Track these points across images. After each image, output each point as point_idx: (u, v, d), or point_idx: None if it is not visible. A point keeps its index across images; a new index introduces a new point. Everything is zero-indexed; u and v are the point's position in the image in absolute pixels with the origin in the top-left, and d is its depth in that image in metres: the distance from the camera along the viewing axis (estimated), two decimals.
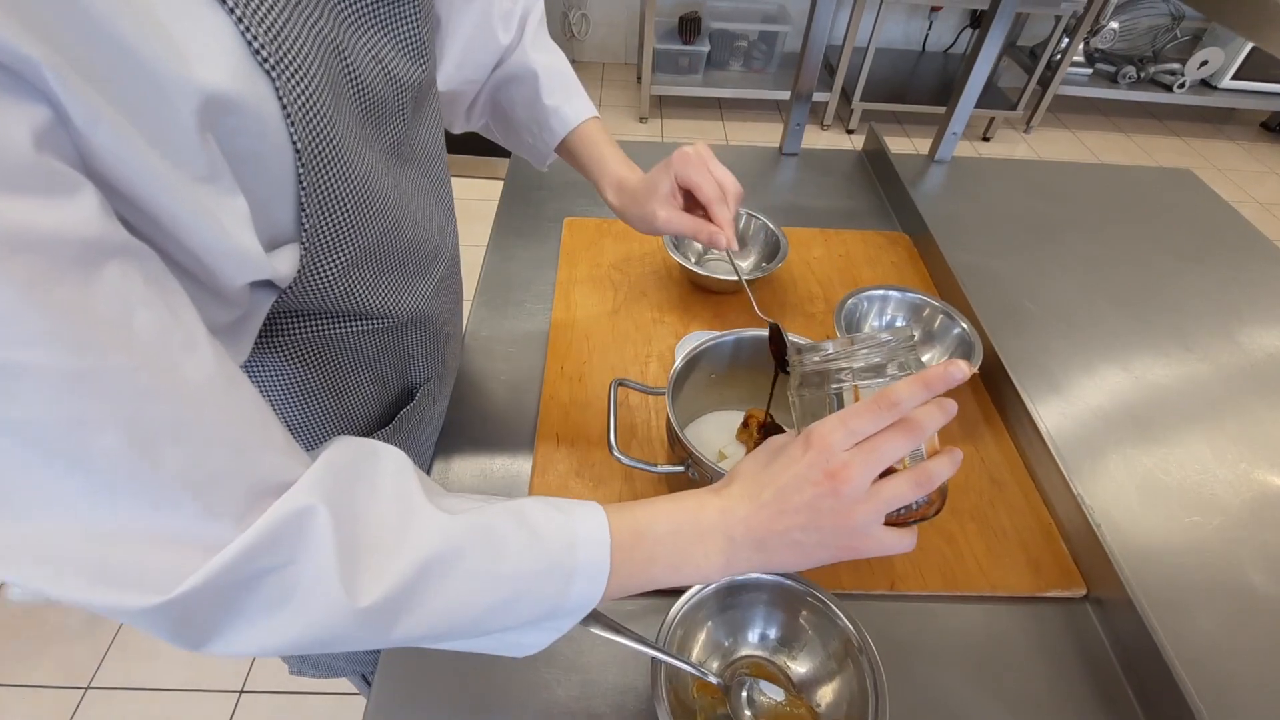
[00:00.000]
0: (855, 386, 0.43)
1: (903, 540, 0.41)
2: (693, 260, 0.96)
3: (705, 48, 3.06)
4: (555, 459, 0.72)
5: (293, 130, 0.35)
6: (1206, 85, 3.24)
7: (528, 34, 0.67)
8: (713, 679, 0.54)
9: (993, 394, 0.81)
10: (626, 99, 3.30)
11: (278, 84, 0.33)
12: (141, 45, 0.27)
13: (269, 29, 0.32)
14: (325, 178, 0.39)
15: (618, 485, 0.70)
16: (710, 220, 0.64)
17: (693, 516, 0.42)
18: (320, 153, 0.37)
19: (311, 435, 0.57)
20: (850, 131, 3.17)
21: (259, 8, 0.32)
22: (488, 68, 0.67)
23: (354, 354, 0.54)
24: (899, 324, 0.85)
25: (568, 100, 0.69)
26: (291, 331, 0.49)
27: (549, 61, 0.68)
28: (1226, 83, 3.17)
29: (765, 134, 3.15)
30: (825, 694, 0.55)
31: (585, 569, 0.39)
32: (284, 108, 0.34)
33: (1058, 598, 0.65)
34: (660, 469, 0.60)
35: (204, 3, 0.30)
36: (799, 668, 0.57)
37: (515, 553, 0.37)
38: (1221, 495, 0.74)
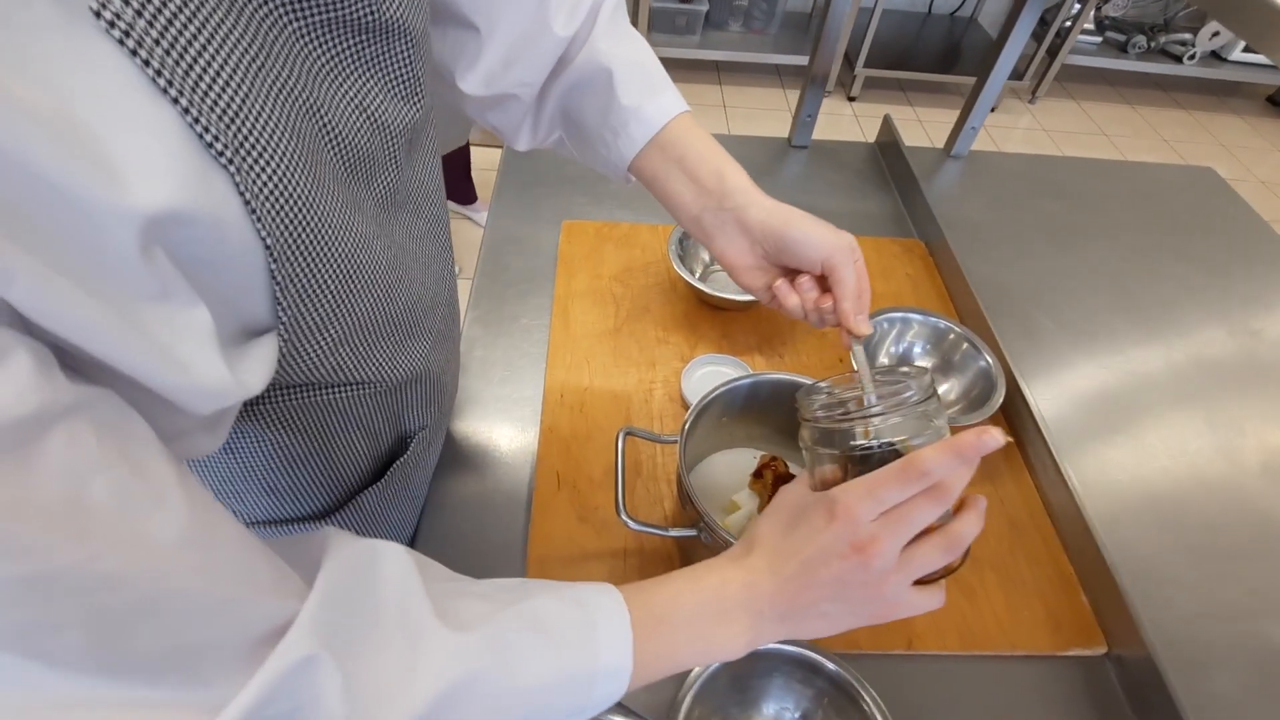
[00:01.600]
0: (883, 450, 0.40)
1: (932, 600, 0.40)
2: (698, 275, 0.91)
3: (704, 6, 2.92)
4: (556, 504, 0.68)
5: (259, 226, 0.29)
6: (1216, 57, 3.15)
7: (600, 24, 0.55)
8: None
9: (1013, 428, 0.78)
10: None
11: (237, 178, 0.27)
12: (62, 175, 0.22)
13: (224, 112, 0.26)
14: (304, 266, 0.33)
15: (622, 535, 0.66)
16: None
17: (715, 596, 0.40)
18: (296, 241, 0.32)
19: (298, 498, 0.53)
20: (852, 99, 3.07)
21: (209, 89, 0.26)
22: (545, 66, 0.55)
23: (344, 416, 0.49)
24: (917, 351, 0.81)
25: (651, 97, 0.54)
26: (275, 401, 0.44)
27: (626, 53, 0.55)
28: (1237, 54, 3.09)
29: (763, 100, 3.04)
30: None
31: (608, 670, 0.37)
32: (247, 203, 0.28)
33: (1078, 656, 0.63)
34: (672, 533, 0.56)
35: (145, 99, 0.24)
36: None
37: (535, 667, 0.35)
38: (1257, 544, 0.72)
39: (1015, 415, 0.77)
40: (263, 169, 0.29)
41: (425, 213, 0.50)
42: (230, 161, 0.27)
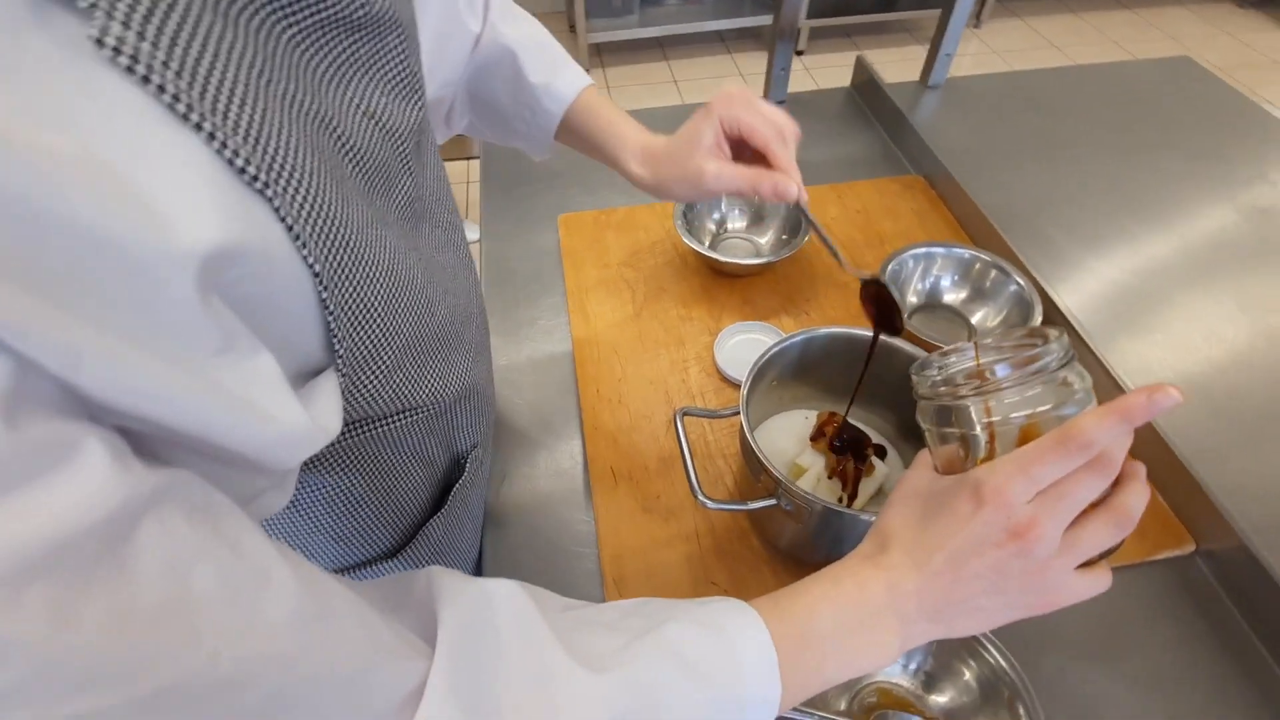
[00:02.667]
0: (1026, 421, 0.35)
1: (1098, 584, 0.36)
2: (707, 244, 0.89)
3: None
4: (617, 498, 0.66)
5: (305, 252, 0.27)
6: None
7: (493, 12, 0.57)
8: None
9: None
10: None
11: (276, 203, 0.25)
12: (106, 226, 0.19)
13: (247, 134, 0.24)
14: (351, 289, 0.31)
15: (691, 517, 0.65)
16: (768, 168, 0.54)
17: (856, 601, 0.36)
18: (340, 264, 0.30)
19: (365, 540, 0.51)
20: (800, 52, 3.05)
21: (228, 110, 0.23)
22: (463, 62, 0.57)
23: (400, 446, 0.47)
24: (946, 284, 0.80)
25: (556, 74, 0.59)
26: (331, 445, 0.42)
27: (524, 33, 0.59)
28: None
29: (712, 69, 3.01)
30: None
31: (756, 699, 0.34)
32: (289, 229, 0.26)
33: (1167, 559, 0.62)
34: (751, 506, 0.54)
35: (167, 129, 0.21)
36: (937, 697, 0.53)
37: (681, 705, 0.32)
38: None
39: None
40: (296, 190, 0.26)
41: (442, 221, 0.47)
42: (266, 186, 0.25)
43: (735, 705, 0.33)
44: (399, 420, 0.45)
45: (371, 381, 0.37)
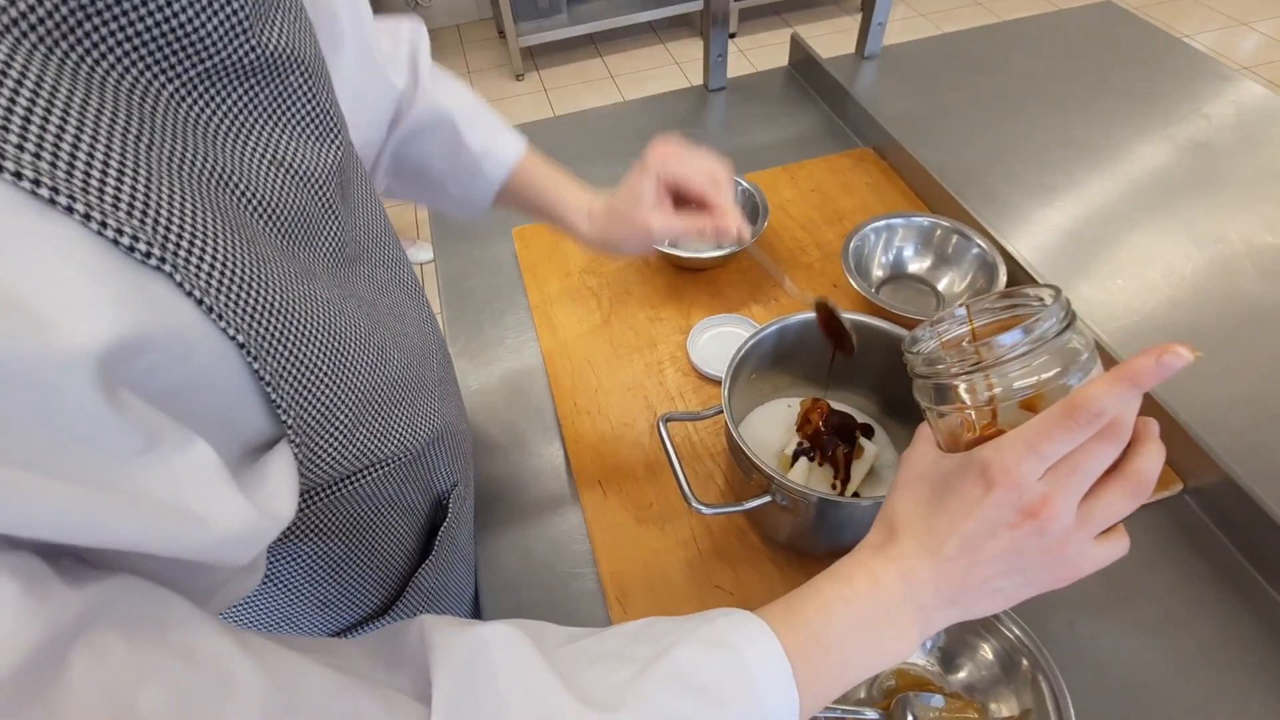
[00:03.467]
0: (1031, 393, 0.34)
1: (1118, 549, 0.35)
2: (667, 241, 0.87)
3: None
4: (609, 512, 0.65)
5: (222, 324, 0.24)
6: None
7: (424, 75, 0.57)
8: (871, 716, 0.50)
9: None
10: (495, 58, 3.07)
11: (178, 277, 0.22)
12: None
13: (133, 207, 0.21)
14: (285, 353, 0.28)
15: (686, 521, 0.63)
16: (709, 213, 0.56)
17: (871, 597, 0.35)
18: (267, 329, 0.27)
19: (353, 601, 0.48)
20: (733, 35, 3.05)
21: (103, 184, 0.21)
22: (384, 122, 0.56)
23: (376, 500, 0.45)
24: (909, 254, 0.80)
25: (495, 139, 0.60)
26: (303, 510, 0.40)
27: (460, 100, 0.59)
28: None
29: (648, 60, 2.99)
30: (991, 694, 0.51)
31: (774, 712, 0.32)
32: (199, 302, 0.23)
33: (1158, 501, 0.63)
34: (747, 506, 0.53)
35: (33, 218, 0.19)
36: (956, 674, 0.53)
37: None
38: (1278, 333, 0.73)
39: None
40: (200, 259, 0.24)
41: (382, 258, 0.44)
42: (163, 260, 0.22)
43: (755, 717, 0.32)
44: (371, 474, 0.43)
45: (331, 444, 0.34)
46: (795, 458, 0.61)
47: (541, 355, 0.78)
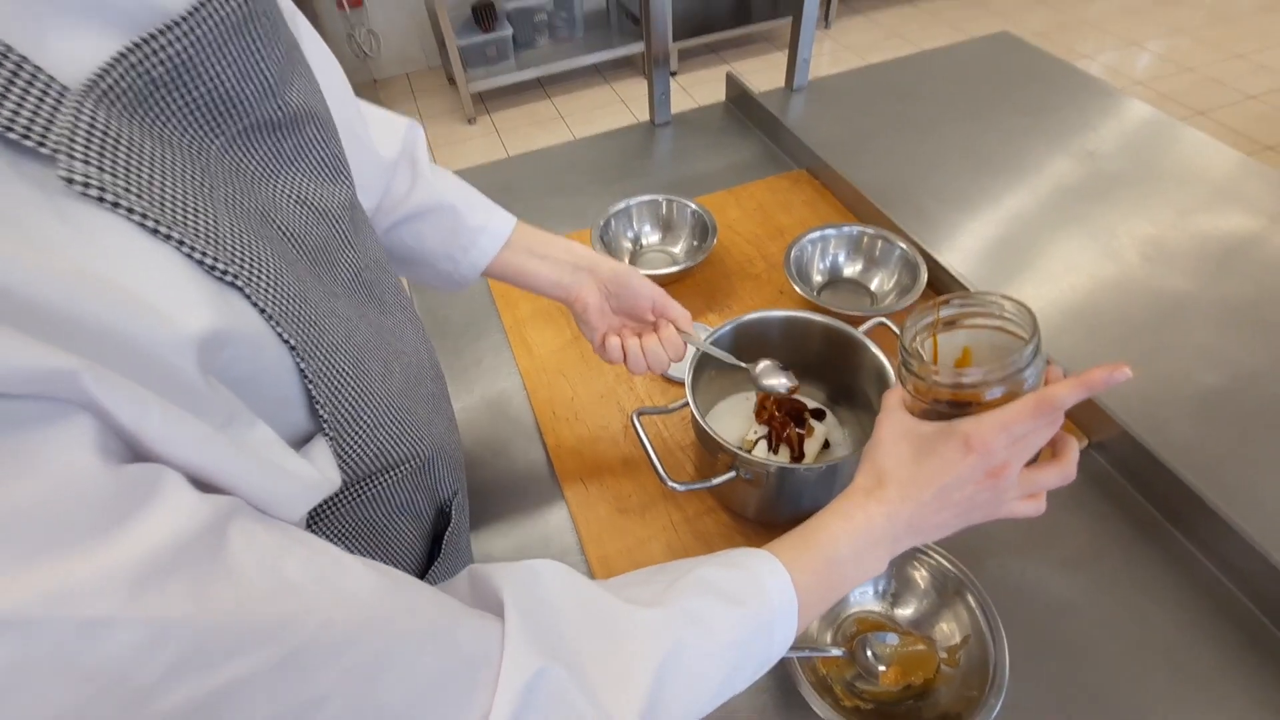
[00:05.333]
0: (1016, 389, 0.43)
1: (1037, 507, 0.47)
2: (627, 260, 0.96)
3: (507, 31, 2.97)
4: (590, 503, 0.71)
5: (280, 330, 0.31)
6: None
7: (424, 166, 0.63)
8: (836, 652, 0.57)
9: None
10: (446, 104, 3.17)
11: (248, 291, 0.29)
12: (122, 323, 0.23)
13: (208, 237, 0.28)
14: (322, 359, 0.35)
15: (663, 508, 0.70)
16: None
17: (865, 530, 0.45)
18: (309, 337, 0.34)
19: None
20: (674, 74, 3.20)
21: (186, 219, 0.27)
22: (378, 193, 0.61)
23: (388, 505, 0.51)
24: (842, 259, 0.89)
25: (490, 216, 0.66)
26: (326, 515, 0.46)
27: (458, 187, 0.66)
28: None
29: (594, 100, 3.12)
30: (937, 627, 0.59)
31: (781, 613, 0.42)
32: (262, 311, 0.30)
33: None
34: (715, 482, 0.61)
35: (143, 243, 0.25)
36: (903, 611, 0.60)
37: (724, 626, 0.40)
38: (1159, 315, 0.84)
39: (942, 286, 0.87)
40: (260, 278, 0.30)
41: (385, 284, 0.51)
42: (236, 278, 0.29)
43: (767, 622, 0.41)
44: (385, 479, 0.49)
45: (357, 441, 0.41)
46: (755, 443, 0.69)
47: (519, 373, 0.85)
